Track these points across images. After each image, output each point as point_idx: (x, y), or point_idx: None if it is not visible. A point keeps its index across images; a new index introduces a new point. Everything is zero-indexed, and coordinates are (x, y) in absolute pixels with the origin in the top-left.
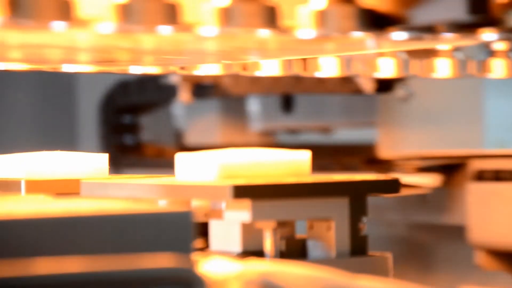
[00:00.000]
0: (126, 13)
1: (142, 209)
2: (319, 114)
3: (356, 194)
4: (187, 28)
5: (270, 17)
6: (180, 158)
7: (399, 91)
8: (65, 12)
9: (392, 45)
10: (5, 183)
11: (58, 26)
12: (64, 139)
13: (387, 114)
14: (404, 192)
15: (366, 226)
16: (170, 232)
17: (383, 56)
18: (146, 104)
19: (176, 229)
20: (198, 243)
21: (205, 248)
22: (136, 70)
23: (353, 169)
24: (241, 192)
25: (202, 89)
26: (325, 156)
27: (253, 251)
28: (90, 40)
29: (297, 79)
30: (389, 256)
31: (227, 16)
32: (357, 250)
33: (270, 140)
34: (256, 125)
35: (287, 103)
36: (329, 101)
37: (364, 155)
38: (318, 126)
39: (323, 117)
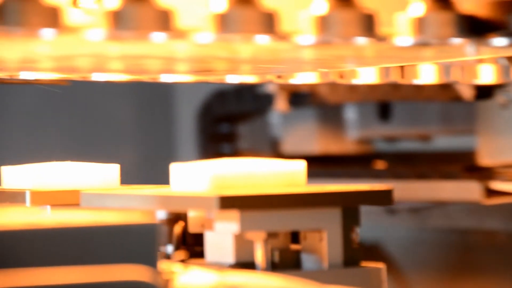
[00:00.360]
0: (223, 23)
1: (107, 221)
2: (417, 122)
3: (348, 204)
4: (284, 37)
5: (368, 25)
6: (175, 169)
7: (499, 98)
8: (164, 23)
9: (492, 51)
10: (11, 193)
11: (158, 37)
12: (162, 148)
13: (487, 121)
14: (505, 199)
15: (359, 236)
16: (135, 244)
17: (483, 62)
18: (243, 113)
19: (141, 241)
20: (179, 254)
21: (186, 259)
22: (233, 79)
23: (452, 176)
24: (228, 202)
25: (299, 97)
26: (424, 164)
27: (245, 263)
28: (188, 50)
29: (395, 87)
30: (382, 267)
31: (324, 24)
32: (350, 261)
33: (368, 148)
34: (353, 133)
35: (385, 111)
36: (427, 109)
37: (463, 163)
38: (416, 133)
39: (421, 124)
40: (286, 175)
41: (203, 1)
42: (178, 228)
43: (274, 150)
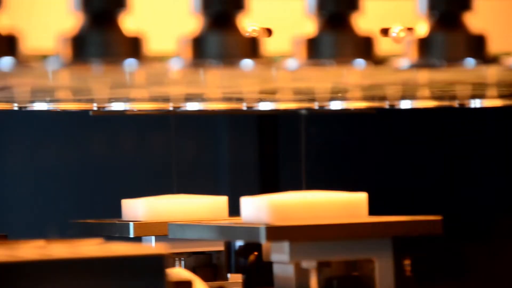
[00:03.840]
0: None
1: (116, 252)
2: None
3: (399, 235)
4: None
5: None
6: (245, 202)
7: None
8: (476, 50)
9: None
10: (118, 225)
11: (469, 63)
12: None
13: None
14: None
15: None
16: (143, 274)
17: None
18: None
19: (148, 271)
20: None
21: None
22: None
23: None
24: (275, 233)
25: None
26: None
27: None
28: (499, 75)
29: None
30: None
31: None
32: None
33: None
34: None
35: None
36: None
37: None
38: None
39: None
40: (348, 206)
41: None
42: (252, 258)
43: None
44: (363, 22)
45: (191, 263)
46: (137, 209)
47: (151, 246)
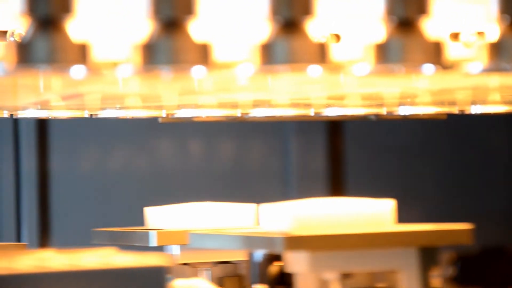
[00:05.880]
0: None
1: (117, 263)
2: None
3: (424, 244)
4: None
5: None
6: (263, 209)
7: None
8: None
9: None
10: (140, 234)
11: None
12: None
13: None
14: None
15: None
16: (144, 286)
17: None
18: None
19: (149, 283)
20: None
21: None
22: None
23: None
24: (294, 243)
25: None
26: None
27: None
28: None
29: None
30: None
31: None
32: None
33: None
34: None
35: None
36: None
37: None
38: None
39: None
40: (373, 215)
41: None
42: (274, 268)
43: None
44: (433, 26)
45: (217, 273)
46: (161, 217)
47: (154, 257)
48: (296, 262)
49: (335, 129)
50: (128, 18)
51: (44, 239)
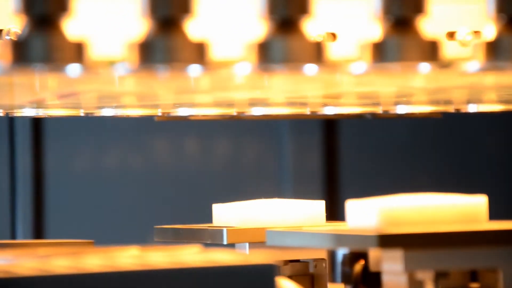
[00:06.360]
0: None
1: (226, 260)
2: None
3: None
4: None
5: None
6: (351, 206)
7: None
8: None
9: None
10: (210, 231)
11: None
12: None
13: None
14: None
15: None
16: (253, 284)
17: None
18: None
19: (259, 281)
20: None
21: None
22: None
23: None
24: (389, 241)
25: None
26: None
27: None
28: None
29: None
30: None
31: None
32: None
33: None
34: None
35: None
36: None
37: None
38: None
39: None
40: (465, 210)
41: None
42: (358, 267)
43: None
44: (429, 25)
45: (286, 272)
46: (229, 214)
47: (259, 254)
48: (388, 261)
49: (331, 128)
50: (124, 16)
51: (38, 238)
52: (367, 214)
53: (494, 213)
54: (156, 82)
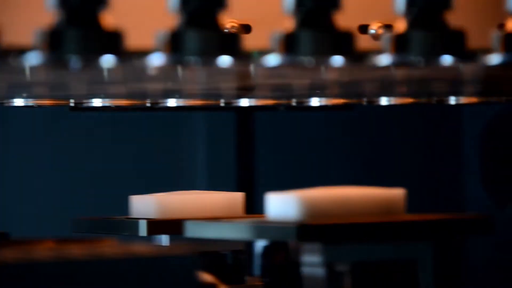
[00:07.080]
0: None
1: (145, 253)
2: None
3: (441, 235)
4: None
5: None
6: (270, 198)
7: None
8: (451, 46)
9: None
10: (130, 223)
11: (447, 60)
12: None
13: None
14: None
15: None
16: (172, 277)
17: None
18: None
19: (178, 273)
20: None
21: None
22: None
23: None
24: (308, 233)
25: None
26: None
27: None
28: (476, 72)
29: None
30: None
31: None
32: None
33: None
34: None
35: None
36: None
37: None
38: None
39: None
40: (385, 203)
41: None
42: (278, 259)
43: None
44: (342, 19)
45: (204, 263)
46: (147, 206)
47: (178, 246)
48: (308, 253)
49: (246, 120)
50: (36, 5)
51: None
52: (287, 206)
53: (409, 206)
54: (67, 73)
